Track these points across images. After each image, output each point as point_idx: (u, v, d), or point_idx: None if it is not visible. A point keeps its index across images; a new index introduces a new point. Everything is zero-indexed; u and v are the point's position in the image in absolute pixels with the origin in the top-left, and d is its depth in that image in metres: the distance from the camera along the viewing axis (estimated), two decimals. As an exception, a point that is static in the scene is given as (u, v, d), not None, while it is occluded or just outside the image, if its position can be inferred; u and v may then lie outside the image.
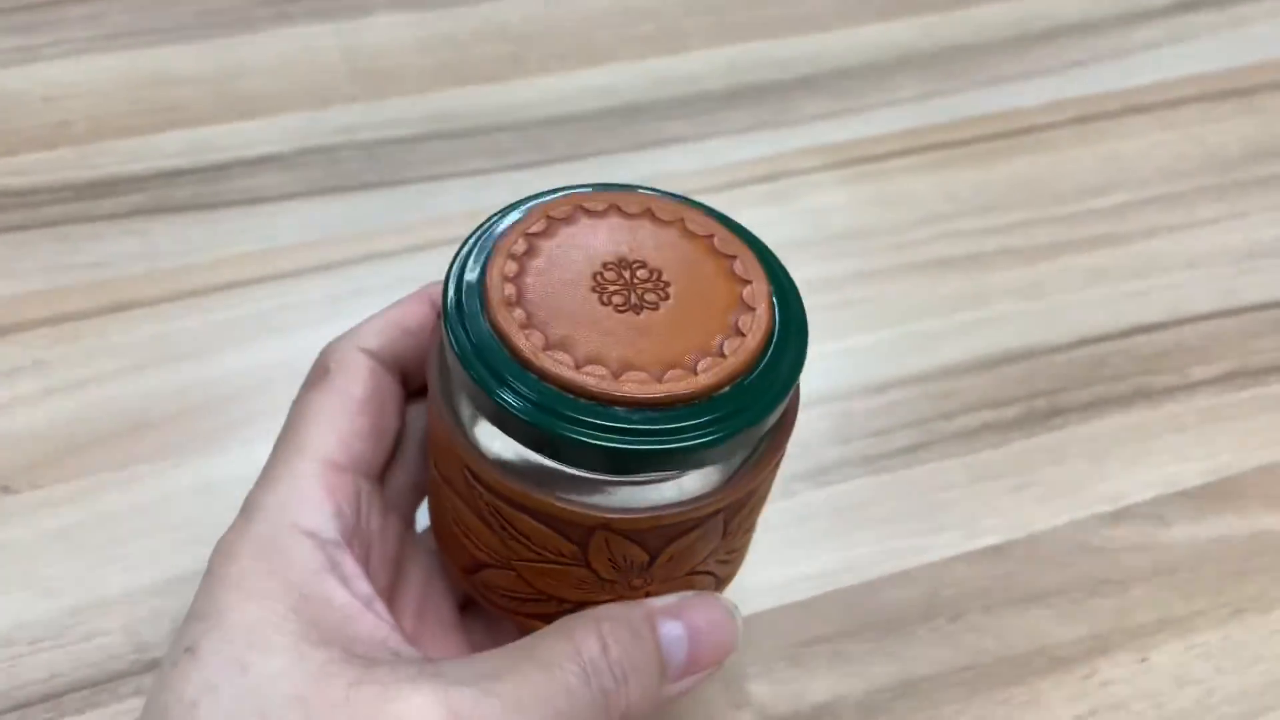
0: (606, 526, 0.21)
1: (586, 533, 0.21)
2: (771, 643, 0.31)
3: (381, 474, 0.25)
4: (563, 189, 0.23)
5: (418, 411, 0.26)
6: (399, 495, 0.26)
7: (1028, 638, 0.31)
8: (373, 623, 0.22)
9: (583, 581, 0.23)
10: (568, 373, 0.20)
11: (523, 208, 0.23)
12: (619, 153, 0.46)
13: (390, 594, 0.25)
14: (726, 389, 0.20)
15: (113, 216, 0.41)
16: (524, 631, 0.23)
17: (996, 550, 0.33)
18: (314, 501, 0.22)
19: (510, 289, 0.21)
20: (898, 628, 0.31)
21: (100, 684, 0.29)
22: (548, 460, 0.20)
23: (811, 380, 0.38)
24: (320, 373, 0.24)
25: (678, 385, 0.20)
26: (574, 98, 0.48)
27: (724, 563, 0.25)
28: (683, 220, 0.22)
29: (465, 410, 0.22)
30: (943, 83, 0.49)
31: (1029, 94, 0.49)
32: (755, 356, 0.21)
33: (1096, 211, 0.44)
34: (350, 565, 0.22)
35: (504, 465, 0.21)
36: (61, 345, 0.37)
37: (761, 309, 0.21)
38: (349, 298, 0.39)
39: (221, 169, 0.44)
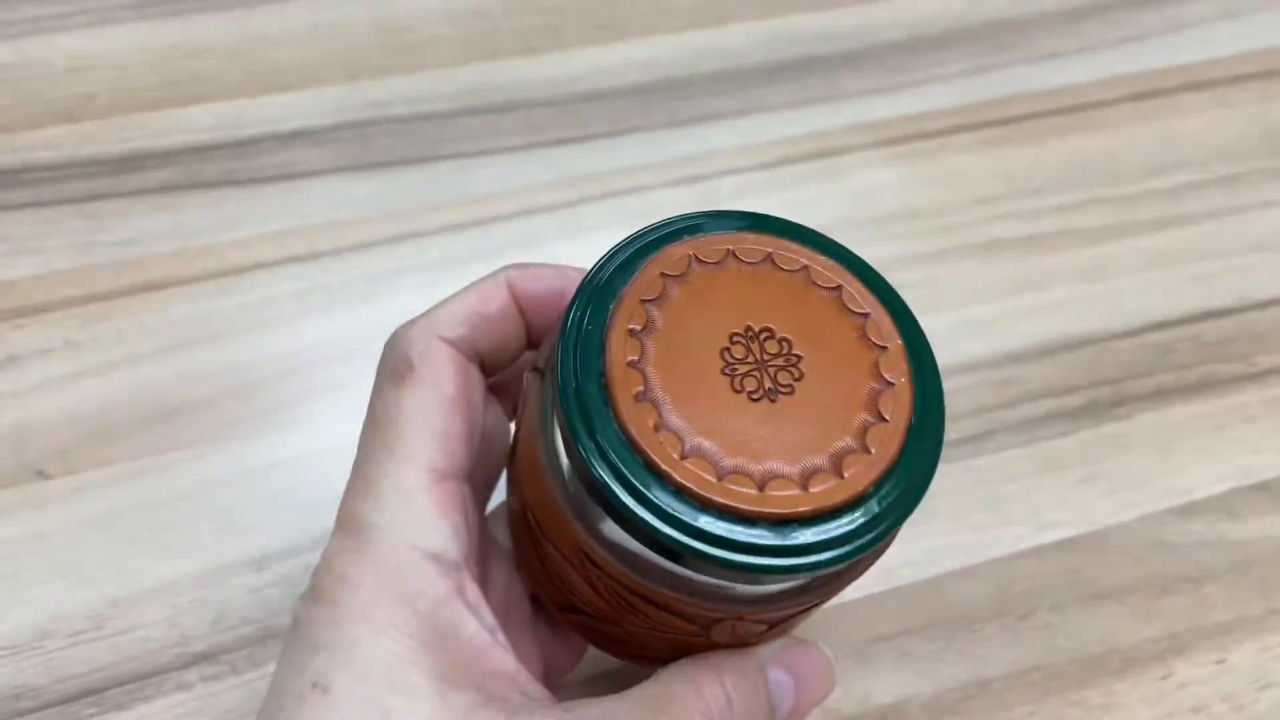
0: (738, 618, 0.20)
1: (712, 621, 0.20)
2: (836, 639, 0.29)
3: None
4: (670, 225, 0.21)
5: (489, 403, 0.25)
6: (479, 491, 0.24)
7: (1100, 637, 0.30)
8: (501, 656, 0.20)
9: (695, 645, 0.22)
10: (711, 487, 0.18)
11: (631, 257, 0.20)
12: (659, 129, 0.44)
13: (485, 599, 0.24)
14: (873, 489, 0.19)
15: (142, 192, 0.40)
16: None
17: (1065, 545, 0.32)
18: (430, 519, 0.21)
19: (636, 379, 0.19)
20: (965, 626, 0.30)
21: (144, 677, 0.28)
22: (682, 570, 0.19)
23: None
24: (404, 366, 0.22)
25: (825, 495, 0.18)
26: (612, 72, 0.47)
27: None
28: (807, 269, 0.20)
29: (585, 499, 0.20)
30: (992, 58, 0.48)
31: (1082, 70, 0.47)
32: (900, 445, 0.19)
33: (1156, 192, 0.42)
34: (473, 591, 0.21)
35: (629, 559, 0.20)
36: (92, 325, 0.36)
37: (901, 383, 0.19)
38: (386, 278, 0.38)
39: (253, 143, 0.42)
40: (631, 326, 0.19)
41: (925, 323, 0.37)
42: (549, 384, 0.20)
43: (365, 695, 0.19)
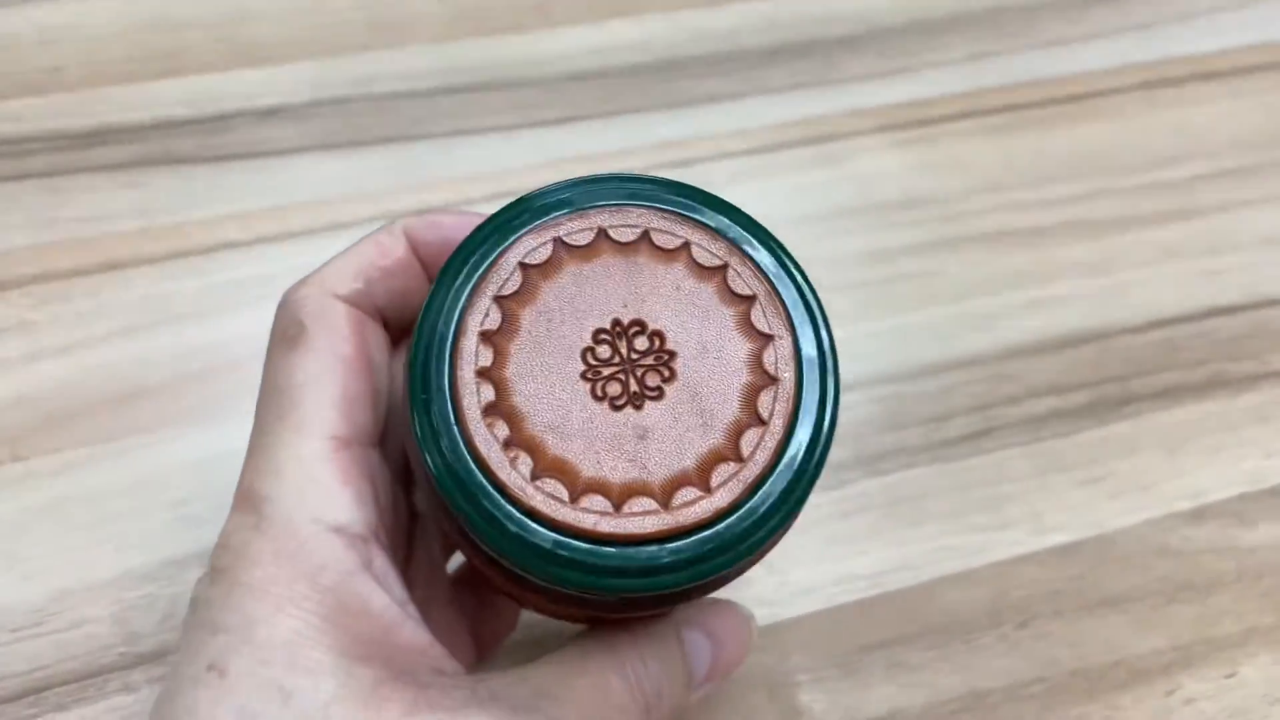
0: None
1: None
2: (823, 649, 0.28)
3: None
4: (537, 201, 0.19)
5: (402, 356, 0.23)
6: (394, 456, 0.23)
7: (1104, 648, 0.28)
8: (412, 630, 0.19)
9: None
10: (564, 511, 0.17)
11: (492, 243, 0.19)
12: (652, 110, 0.43)
13: (405, 570, 0.22)
14: (748, 501, 0.17)
15: (108, 168, 0.38)
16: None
17: (1066, 550, 0.30)
18: (332, 490, 0.19)
19: (487, 390, 0.17)
20: (961, 634, 0.28)
21: (86, 678, 0.27)
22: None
23: (862, 361, 0.35)
24: (296, 329, 0.21)
25: (690, 512, 0.17)
26: (603, 51, 0.45)
27: None
28: (688, 246, 0.19)
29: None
30: (996, 43, 0.46)
31: (1090, 57, 0.45)
32: (779, 449, 0.17)
33: (1166, 184, 0.41)
34: (380, 563, 0.20)
35: (502, 567, 0.19)
36: (50, 305, 0.34)
37: (786, 377, 0.18)
38: (362, 260, 0.36)
39: (226, 120, 0.41)
40: (485, 328, 0.18)
41: (924, 315, 0.36)
42: (406, 371, 0.18)
43: (264, 675, 0.18)
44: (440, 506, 0.18)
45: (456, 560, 0.26)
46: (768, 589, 0.29)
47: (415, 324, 0.18)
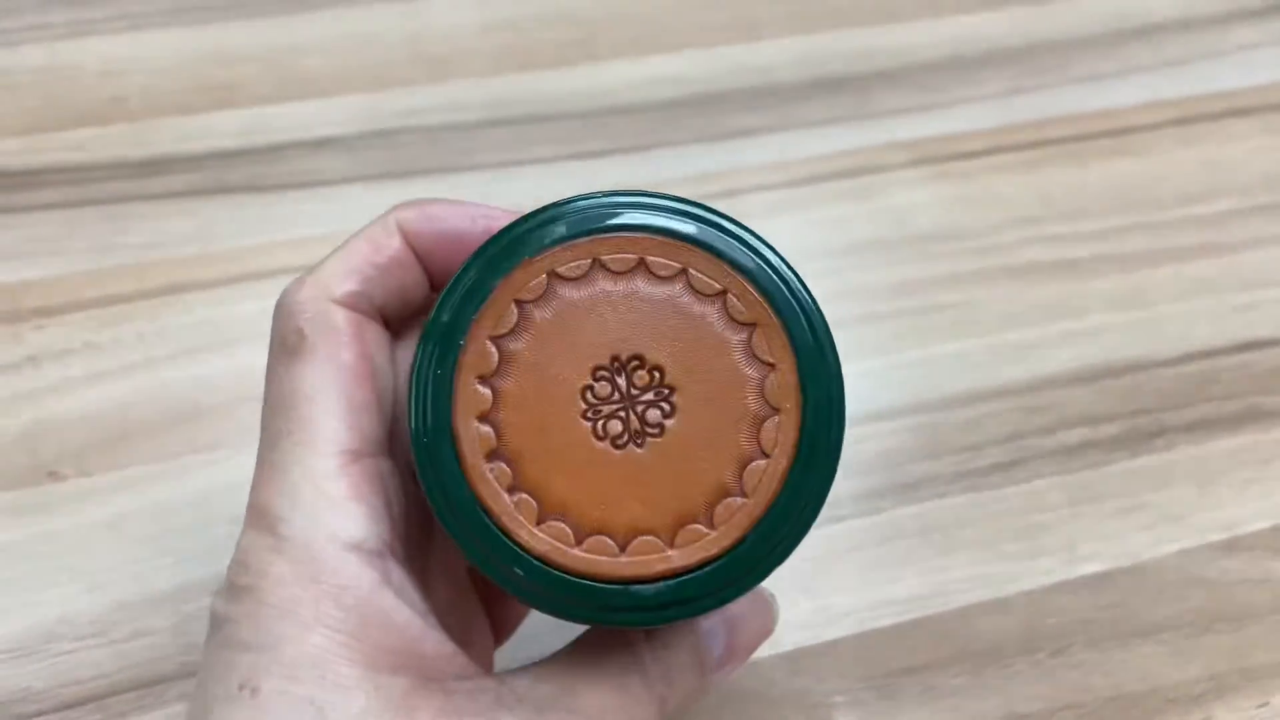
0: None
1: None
2: (858, 671, 0.28)
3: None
4: (527, 228, 0.19)
5: (406, 351, 0.23)
6: (404, 456, 0.23)
7: (1138, 676, 0.29)
8: (435, 641, 0.20)
9: None
10: (570, 554, 0.17)
11: (483, 278, 0.18)
12: (690, 144, 0.44)
13: (424, 569, 0.23)
14: (753, 535, 0.18)
15: (166, 196, 0.40)
16: None
17: (1100, 579, 0.31)
18: (346, 507, 0.20)
19: (487, 437, 0.18)
20: (995, 660, 0.29)
21: (146, 686, 0.28)
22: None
23: (896, 391, 0.36)
24: (296, 337, 0.20)
25: (695, 549, 0.17)
26: (643, 86, 0.46)
27: None
28: (685, 273, 0.18)
29: None
30: (1031, 79, 0.47)
31: (1124, 93, 0.46)
32: (782, 480, 0.18)
33: (1199, 218, 0.41)
34: (398, 575, 0.20)
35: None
36: (112, 328, 0.35)
37: (788, 409, 0.18)
38: (410, 287, 0.37)
39: (279, 150, 0.42)
40: (481, 371, 0.18)
41: (958, 346, 0.37)
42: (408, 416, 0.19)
43: (297, 693, 0.18)
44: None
45: None
46: (805, 613, 0.30)
47: (413, 361, 0.19)
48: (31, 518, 0.30)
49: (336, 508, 0.20)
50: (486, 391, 0.18)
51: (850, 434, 0.33)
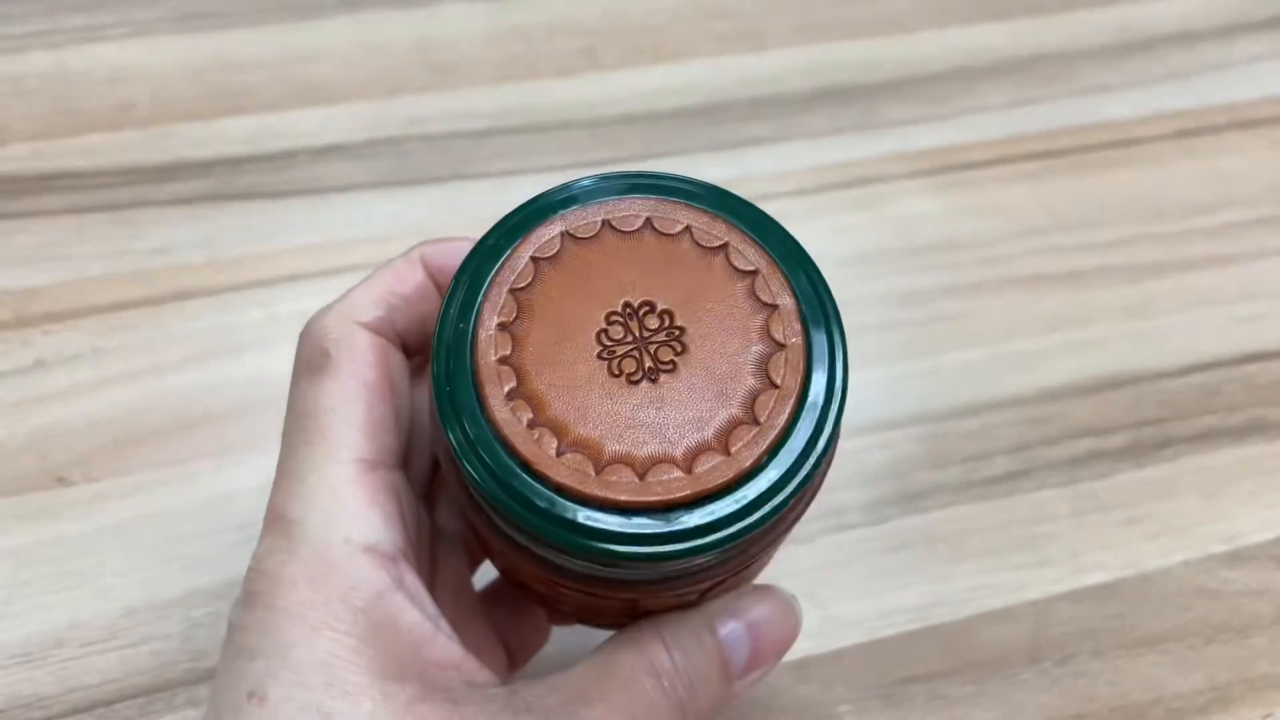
0: (656, 595, 0.20)
1: (633, 599, 0.20)
2: (865, 679, 0.29)
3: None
4: (542, 199, 0.20)
5: (421, 378, 0.24)
6: (417, 476, 0.24)
7: (1142, 686, 0.29)
8: (445, 645, 0.20)
9: (636, 610, 0.21)
10: (590, 484, 0.18)
11: (501, 242, 0.19)
12: (696, 152, 0.44)
13: (431, 588, 0.23)
14: (764, 461, 0.18)
15: (175, 202, 0.40)
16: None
17: (1105, 589, 0.31)
18: (361, 512, 0.20)
19: (508, 375, 0.18)
20: (1001, 669, 0.29)
21: (154, 692, 0.28)
22: (579, 564, 0.19)
23: (902, 400, 0.36)
24: (320, 357, 0.21)
25: (709, 475, 0.18)
26: (649, 95, 0.46)
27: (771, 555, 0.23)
28: (689, 229, 0.19)
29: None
30: (1035, 90, 0.47)
31: (1128, 105, 0.46)
32: (794, 411, 0.18)
33: (1203, 230, 0.41)
34: (411, 580, 0.20)
35: (533, 555, 0.19)
36: (121, 333, 0.35)
37: (794, 343, 0.18)
38: (418, 294, 0.37)
39: (287, 157, 0.42)
40: (501, 320, 0.19)
41: (963, 356, 0.37)
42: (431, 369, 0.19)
43: (303, 699, 0.18)
44: (468, 497, 0.19)
45: (483, 576, 0.27)
46: (813, 622, 0.30)
47: (437, 322, 0.19)
48: (40, 523, 0.31)
49: (351, 512, 0.20)
50: (506, 336, 0.18)
51: (856, 443, 0.34)
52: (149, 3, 0.47)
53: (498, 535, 0.19)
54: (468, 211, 0.41)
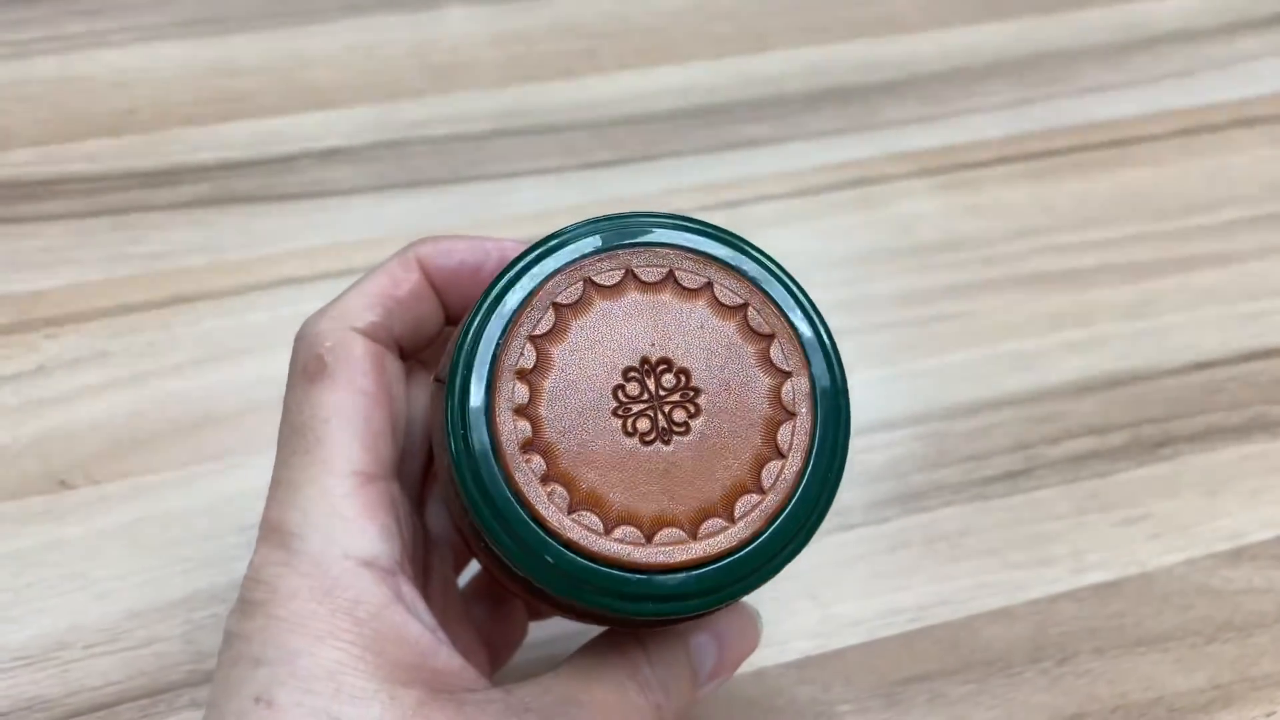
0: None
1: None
2: (865, 679, 0.29)
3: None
4: (567, 236, 0.20)
5: (415, 386, 0.24)
6: (410, 482, 0.24)
7: (1144, 685, 0.29)
8: (445, 655, 0.20)
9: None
10: (599, 542, 0.18)
11: (524, 286, 0.19)
12: (696, 154, 0.44)
13: (425, 594, 0.23)
14: (768, 530, 0.19)
15: (177, 206, 0.40)
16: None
17: (1106, 588, 0.31)
18: (360, 526, 0.20)
19: (524, 427, 0.18)
20: (1001, 669, 0.29)
21: (156, 694, 0.28)
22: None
23: (902, 400, 0.36)
24: (316, 364, 0.21)
25: (716, 542, 0.18)
26: (650, 96, 0.46)
27: None
28: (711, 287, 0.20)
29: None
30: (1036, 90, 0.47)
31: (1129, 104, 0.46)
32: (797, 480, 0.19)
33: (1204, 228, 0.41)
34: (410, 592, 0.21)
35: (533, 588, 0.20)
36: (123, 337, 0.35)
37: (803, 412, 0.19)
38: (418, 296, 0.37)
39: (288, 161, 0.42)
40: (520, 366, 0.19)
41: (964, 356, 0.37)
42: (445, 408, 0.19)
43: (312, 704, 0.18)
44: (475, 534, 0.19)
45: (466, 574, 0.27)
46: (813, 621, 0.30)
47: (449, 359, 0.19)
48: (42, 526, 0.31)
49: (350, 525, 0.20)
50: (524, 388, 0.19)
51: (857, 443, 0.34)
52: (151, 8, 0.47)
53: (498, 565, 0.20)
54: (469, 214, 0.41)
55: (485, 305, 0.19)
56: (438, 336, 0.23)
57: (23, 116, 0.43)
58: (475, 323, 0.19)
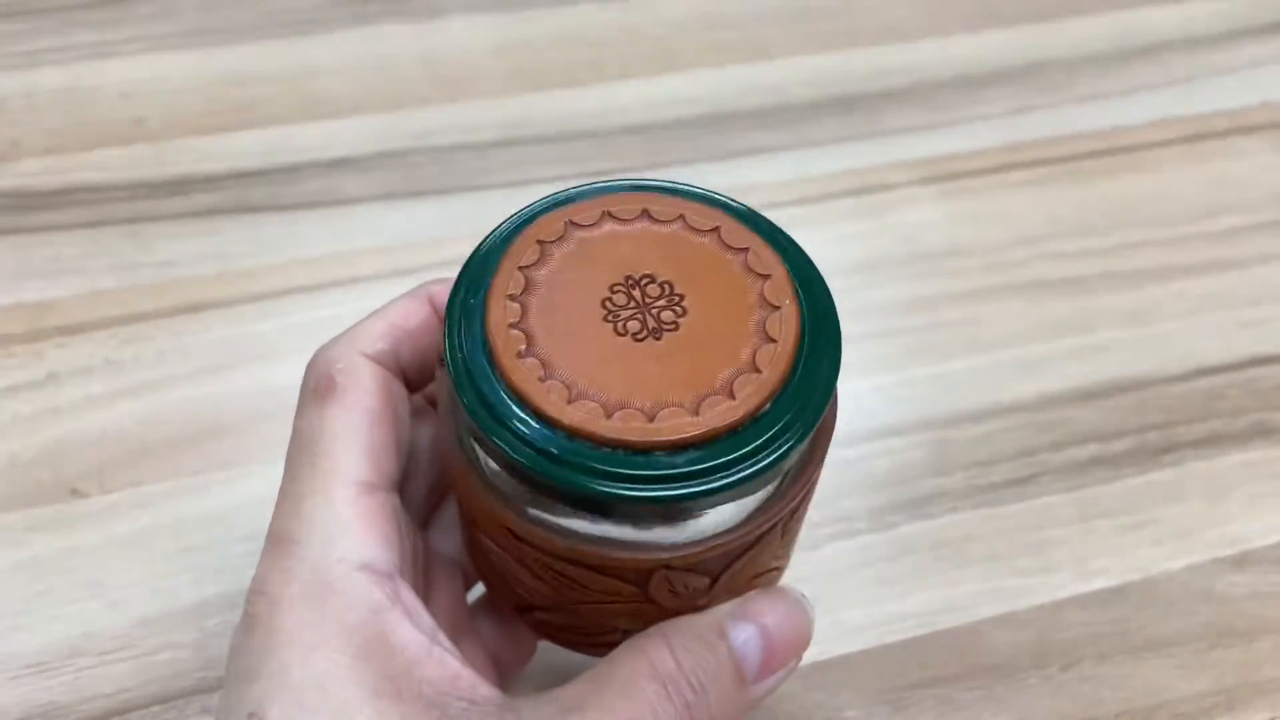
0: (666, 566, 0.20)
1: (645, 575, 0.20)
2: (872, 685, 0.29)
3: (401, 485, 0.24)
4: (550, 200, 0.21)
5: (419, 415, 0.25)
6: (414, 502, 0.24)
7: (1148, 690, 0.29)
8: (441, 660, 0.20)
9: (644, 612, 0.21)
10: (601, 424, 0.18)
11: (508, 233, 0.21)
12: (701, 162, 0.44)
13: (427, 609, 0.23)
14: (769, 407, 0.19)
15: (186, 215, 0.41)
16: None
17: (1110, 594, 0.31)
18: (357, 531, 0.21)
19: (518, 338, 0.19)
20: (1007, 674, 0.29)
21: (168, 700, 0.28)
22: (593, 523, 0.19)
23: (906, 407, 0.36)
24: (327, 384, 0.22)
25: (717, 417, 0.18)
26: (654, 105, 0.47)
27: (782, 556, 0.23)
28: (683, 216, 0.21)
29: (494, 471, 0.20)
30: (1038, 97, 0.47)
31: (1130, 111, 0.46)
32: (791, 362, 0.19)
33: (1205, 235, 0.41)
34: (408, 595, 0.21)
35: (547, 525, 0.20)
36: (133, 345, 0.36)
37: (787, 305, 0.19)
38: (426, 305, 0.38)
39: (296, 170, 0.43)
40: (510, 291, 0.19)
41: (967, 363, 0.37)
42: (443, 333, 0.20)
43: (301, 718, 0.19)
44: (476, 476, 0.20)
45: (474, 593, 0.27)
46: (819, 628, 0.29)
47: (448, 299, 0.20)
48: (54, 534, 0.31)
49: (348, 531, 0.20)
50: (516, 306, 0.19)
51: (861, 450, 0.34)
52: (160, 18, 0.48)
53: (506, 515, 0.20)
54: (475, 223, 0.41)
55: (477, 253, 0.20)
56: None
57: (32, 126, 0.43)
58: (468, 267, 0.20)
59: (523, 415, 0.18)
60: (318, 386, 0.22)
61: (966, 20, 0.51)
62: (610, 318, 0.19)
